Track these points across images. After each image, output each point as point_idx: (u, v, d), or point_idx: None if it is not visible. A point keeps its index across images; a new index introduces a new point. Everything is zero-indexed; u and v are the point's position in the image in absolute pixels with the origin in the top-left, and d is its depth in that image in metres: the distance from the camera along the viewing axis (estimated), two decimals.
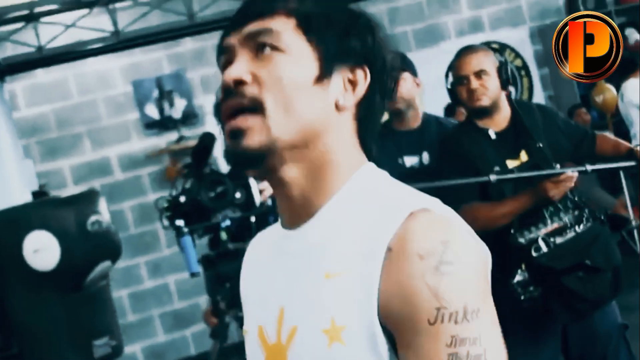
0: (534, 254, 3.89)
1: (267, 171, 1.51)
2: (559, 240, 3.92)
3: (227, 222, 4.16)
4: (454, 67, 4.34)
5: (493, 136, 4.07)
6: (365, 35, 1.54)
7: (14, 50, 7.83)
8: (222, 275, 4.19)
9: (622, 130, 9.95)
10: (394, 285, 1.34)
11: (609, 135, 4.62)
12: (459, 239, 1.37)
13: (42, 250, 4.67)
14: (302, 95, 1.47)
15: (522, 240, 3.91)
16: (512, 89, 4.30)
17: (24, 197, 5.40)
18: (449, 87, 4.37)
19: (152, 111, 8.98)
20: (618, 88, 7.21)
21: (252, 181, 4.14)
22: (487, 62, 4.19)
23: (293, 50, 1.49)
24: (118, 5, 7.77)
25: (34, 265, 4.67)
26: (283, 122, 1.46)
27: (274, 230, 1.64)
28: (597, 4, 10.03)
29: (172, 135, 8.95)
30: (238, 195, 4.13)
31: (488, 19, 10.07)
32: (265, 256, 1.62)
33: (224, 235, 4.19)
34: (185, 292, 8.93)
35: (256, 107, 1.46)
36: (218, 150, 4.39)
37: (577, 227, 3.96)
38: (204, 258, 4.27)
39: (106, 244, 4.80)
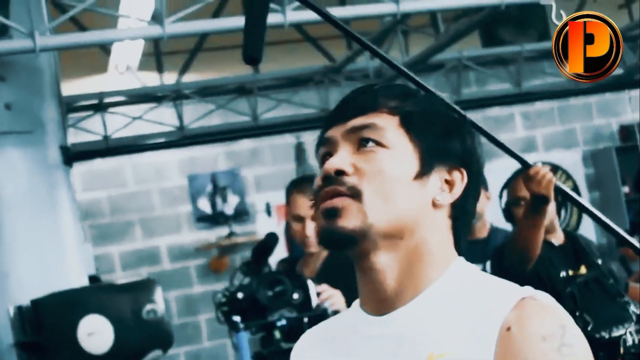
0: (621, 346, 3.95)
1: (359, 255, 1.53)
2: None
3: (283, 322, 4.20)
4: (511, 187, 4.39)
5: (556, 244, 4.12)
6: (465, 137, 1.60)
7: (76, 137, 8.01)
8: None
9: None
10: None
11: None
12: (572, 324, 1.44)
13: (96, 334, 4.76)
14: (401, 189, 1.51)
15: (605, 335, 3.96)
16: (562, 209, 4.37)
17: (81, 280, 5.51)
18: (503, 207, 4.42)
19: (205, 205, 9.12)
20: None
21: (310, 283, 4.21)
22: None
23: (396, 146, 1.53)
24: (185, 101, 7.97)
25: (87, 348, 4.75)
26: (380, 210, 1.49)
27: (350, 316, 1.64)
28: None
29: (223, 231, 9.06)
30: (296, 296, 4.18)
31: (542, 140, 10.17)
32: (343, 341, 1.61)
33: (277, 334, 4.22)
34: None
35: (355, 194, 1.50)
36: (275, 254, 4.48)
37: None
38: (256, 355, 4.31)
39: (159, 333, 4.89)
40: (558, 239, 4.24)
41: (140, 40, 7.68)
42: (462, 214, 1.59)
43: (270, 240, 4.23)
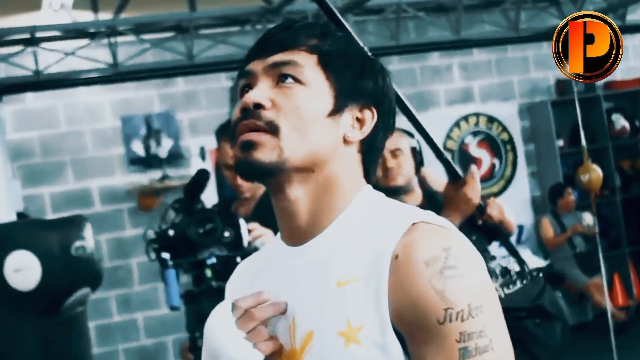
0: None
1: (274, 186, 1.64)
2: (507, 291, 3.95)
3: (213, 260, 4.15)
4: None
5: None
6: (377, 78, 1.70)
7: (7, 72, 7.85)
8: (204, 312, 4.16)
9: (603, 213, 10.07)
10: (402, 289, 1.49)
11: None
12: (458, 245, 1.52)
13: (23, 270, 4.67)
14: (315, 125, 1.61)
15: None
16: (496, 160, 4.34)
17: (9, 217, 5.40)
18: None
19: (138, 148, 9.00)
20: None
21: (241, 221, 4.16)
22: (402, 142, 4.25)
23: (312, 84, 1.62)
24: (119, 39, 7.82)
25: (14, 284, 4.66)
26: (295, 145, 1.59)
27: (272, 248, 1.75)
28: (586, 88, 10.18)
29: (156, 174, 8.96)
30: (227, 234, 4.13)
31: (479, 91, 10.18)
32: (268, 272, 1.72)
33: (208, 273, 4.18)
34: (152, 330, 8.90)
35: (272, 129, 1.59)
36: (207, 191, 4.42)
37: (523, 280, 3.99)
38: (186, 294, 4.27)
39: (88, 270, 4.81)
40: (415, 199, 4.22)
41: None
42: (371, 149, 1.70)
43: (201, 177, 4.17)
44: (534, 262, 4.02)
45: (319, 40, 1.66)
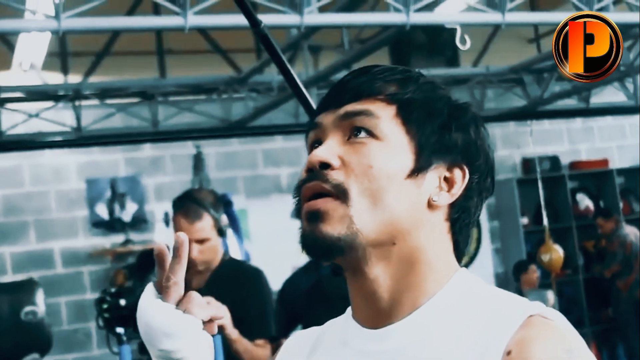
0: None
1: (347, 263, 1.38)
2: None
3: None
4: None
5: None
6: (468, 129, 1.43)
7: None
8: None
9: (565, 292, 10.08)
10: None
11: None
12: (579, 347, 1.30)
13: None
14: (392, 188, 1.35)
15: None
16: None
17: None
18: None
19: (102, 211, 8.98)
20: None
21: (194, 294, 4.11)
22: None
23: (389, 139, 1.37)
24: (84, 103, 7.84)
25: None
26: (368, 214, 1.34)
27: (339, 324, 1.49)
28: (552, 167, 10.26)
29: (119, 238, 8.93)
30: None
31: None
32: (333, 352, 1.45)
33: None
34: None
35: (340, 194, 1.35)
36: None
37: None
38: None
39: (38, 336, 4.76)
40: None
41: (44, 38, 7.52)
42: (463, 215, 1.42)
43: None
44: None
45: (399, 86, 1.41)
